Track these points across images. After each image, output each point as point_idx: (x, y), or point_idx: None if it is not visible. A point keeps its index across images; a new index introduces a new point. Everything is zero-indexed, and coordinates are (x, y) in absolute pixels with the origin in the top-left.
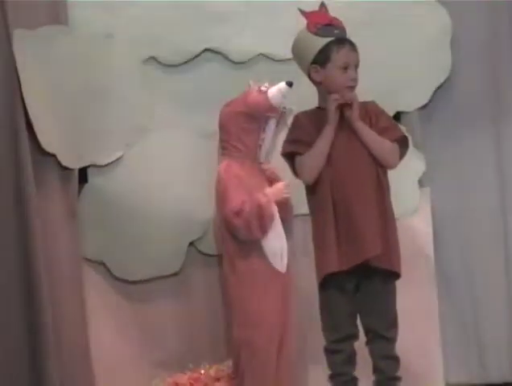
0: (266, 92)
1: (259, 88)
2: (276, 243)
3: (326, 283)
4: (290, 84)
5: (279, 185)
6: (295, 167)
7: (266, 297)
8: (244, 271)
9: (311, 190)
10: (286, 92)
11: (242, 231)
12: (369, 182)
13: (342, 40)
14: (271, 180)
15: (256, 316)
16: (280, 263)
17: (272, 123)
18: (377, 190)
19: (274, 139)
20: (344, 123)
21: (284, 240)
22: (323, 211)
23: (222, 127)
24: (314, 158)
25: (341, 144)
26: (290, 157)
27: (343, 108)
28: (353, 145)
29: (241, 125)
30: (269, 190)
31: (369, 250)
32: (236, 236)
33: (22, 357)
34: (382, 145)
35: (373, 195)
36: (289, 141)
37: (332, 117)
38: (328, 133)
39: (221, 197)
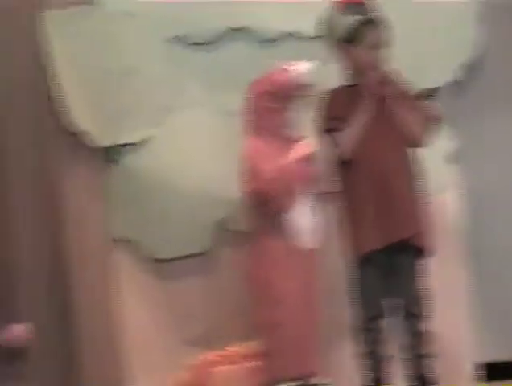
0: (291, 71)
1: (284, 67)
2: (301, 220)
3: (360, 260)
4: (314, 63)
5: (299, 144)
6: (332, 144)
7: (288, 276)
8: (266, 249)
9: (346, 167)
10: (311, 70)
11: (276, 199)
12: (404, 159)
13: (372, 19)
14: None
15: (277, 294)
16: (305, 240)
17: (299, 102)
18: (411, 167)
19: (302, 117)
20: (378, 100)
21: (310, 218)
22: (360, 188)
23: (248, 106)
24: (352, 134)
25: (376, 122)
26: (327, 134)
27: (379, 85)
28: (387, 122)
29: (267, 105)
30: (291, 153)
31: (408, 228)
32: (263, 210)
33: (53, 337)
34: (415, 124)
35: (408, 172)
36: (326, 117)
37: (369, 94)
38: (366, 109)
39: (251, 172)
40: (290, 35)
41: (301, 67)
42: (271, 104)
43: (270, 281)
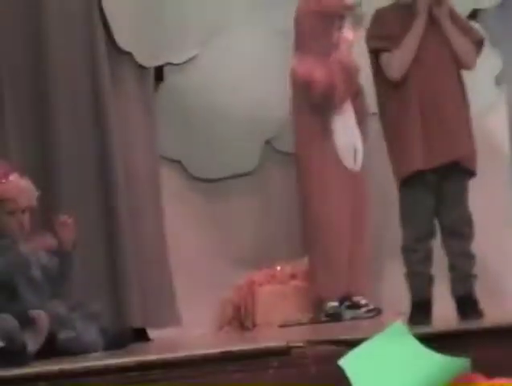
0: None
1: None
2: (348, 139)
3: (409, 180)
4: None
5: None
6: (379, 63)
7: (334, 198)
8: (313, 170)
9: (394, 87)
10: None
11: (337, 93)
12: (455, 80)
13: None
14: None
15: (323, 216)
16: (352, 161)
17: (347, 21)
18: (461, 89)
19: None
20: (431, 21)
21: (357, 138)
22: (408, 107)
23: (297, 25)
24: (404, 54)
25: (428, 42)
26: (375, 53)
27: (431, 5)
28: (438, 43)
29: (316, 24)
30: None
31: (460, 149)
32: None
33: (101, 257)
34: (465, 46)
35: (459, 93)
36: (374, 37)
37: (423, 13)
38: (419, 29)
39: (305, 84)
40: None
41: None
42: (320, 24)
43: (315, 202)
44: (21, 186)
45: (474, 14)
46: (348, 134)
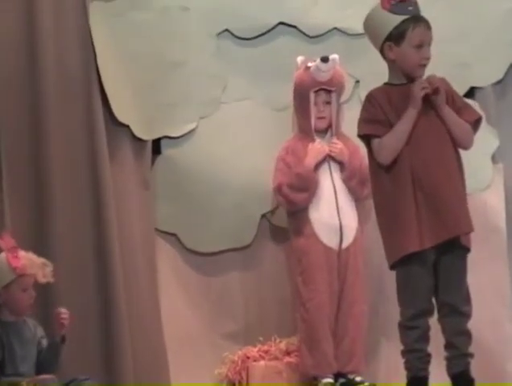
0: (310, 68)
1: (306, 65)
2: (331, 219)
3: (407, 259)
4: (324, 60)
5: (312, 145)
6: (371, 147)
7: (316, 276)
8: (296, 248)
9: (385, 169)
10: (327, 66)
11: (285, 205)
12: (453, 161)
13: (418, 18)
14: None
15: (306, 293)
16: (335, 240)
17: (334, 99)
18: (459, 168)
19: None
20: (425, 104)
21: (344, 217)
22: (400, 190)
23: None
24: (395, 141)
25: (423, 125)
26: (366, 137)
27: (427, 88)
28: (435, 126)
29: (297, 103)
30: (307, 157)
31: (459, 227)
32: (288, 211)
33: (95, 327)
34: (463, 128)
35: (457, 173)
36: (365, 121)
37: (418, 101)
38: (412, 116)
39: (274, 174)
40: (338, 31)
41: (316, 65)
42: (298, 103)
43: (299, 280)
44: (37, 262)
45: (472, 92)
46: (329, 214)
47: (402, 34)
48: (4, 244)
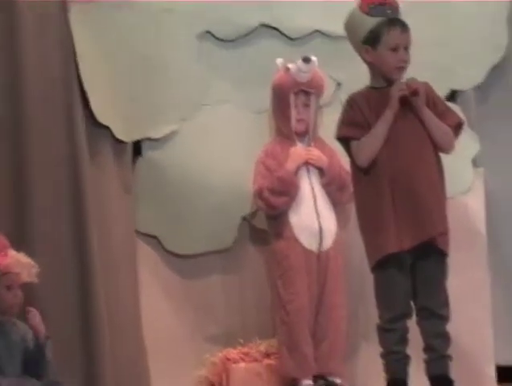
0: (290, 70)
1: (286, 66)
2: (310, 223)
3: (384, 262)
4: (306, 60)
5: (294, 148)
6: (349, 150)
7: (296, 279)
8: (276, 251)
9: (364, 171)
10: (307, 67)
11: (265, 209)
12: (432, 164)
13: (393, 21)
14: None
15: (286, 296)
16: (315, 243)
17: (313, 101)
18: (438, 171)
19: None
20: (405, 106)
21: (323, 220)
22: (379, 191)
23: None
24: (372, 144)
25: (403, 127)
26: (344, 140)
27: (406, 91)
28: (415, 129)
29: (275, 105)
30: (289, 160)
31: (435, 227)
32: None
33: (75, 330)
34: (443, 131)
35: (436, 175)
36: (344, 123)
37: (395, 103)
38: (389, 118)
39: (254, 177)
40: (320, 33)
41: (297, 65)
42: (277, 106)
43: (278, 283)
44: (23, 262)
45: (453, 96)
46: (309, 216)
47: (377, 37)
48: None
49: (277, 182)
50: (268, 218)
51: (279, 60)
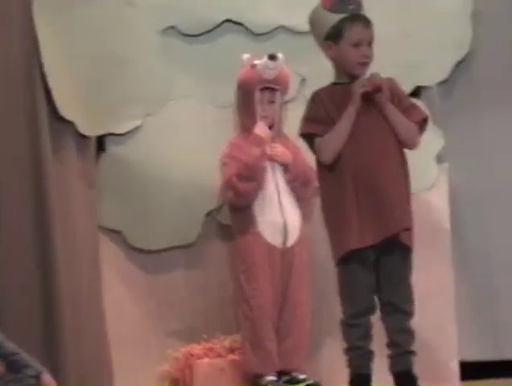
0: (256, 66)
1: (252, 62)
2: (275, 218)
3: (347, 258)
4: (273, 57)
5: (256, 128)
6: (312, 146)
7: (260, 274)
8: (240, 246)
9: (328, 168)
10: (273, 64)
11: (234, 198)
12: (395, 160)
13: (355, 16)
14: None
15: (249, 291)
16: (279, 239)
17: (278, 98)
18: (402, 167)
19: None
20: (368, 102)
21: (287, 216)
22: (342, 187)
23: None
24: (335, 140)
25: (366, 123)
26: (308, 136)
27: (368, 87)
28: (378, 125)
29: (240, 101)
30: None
31: (398, 223)
32: (233, 209)
33: (36, 326)
34: (408, 127)
35: (399, 171)
36: (308, 120)
37: (357, 99)
38: (351, 114)
39: (221, 171)
40: (284, 29)
41: (264, 62)
42: (242, 101)
43: (241, 278)
44: None
45: (417, 91)
46: (273, 212)
47: (339, 32)
48: None
49: (243, 167)
50: (232, 213)
51: (246, 56)
